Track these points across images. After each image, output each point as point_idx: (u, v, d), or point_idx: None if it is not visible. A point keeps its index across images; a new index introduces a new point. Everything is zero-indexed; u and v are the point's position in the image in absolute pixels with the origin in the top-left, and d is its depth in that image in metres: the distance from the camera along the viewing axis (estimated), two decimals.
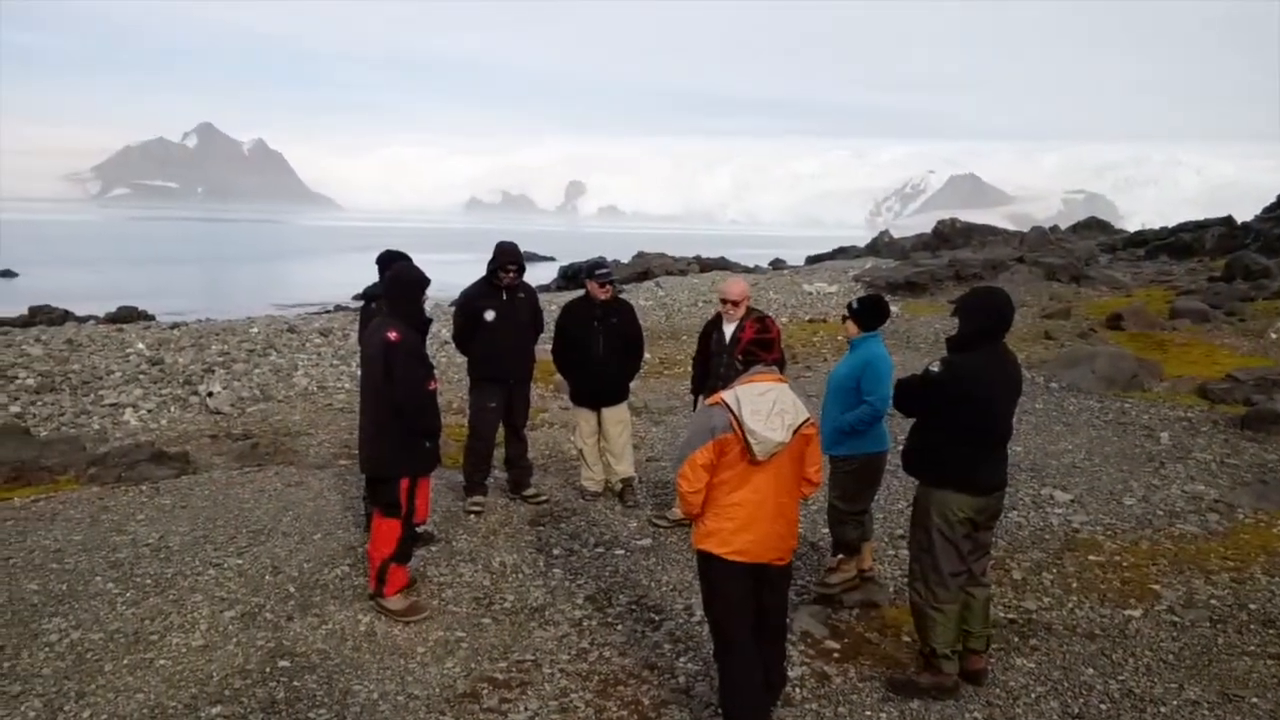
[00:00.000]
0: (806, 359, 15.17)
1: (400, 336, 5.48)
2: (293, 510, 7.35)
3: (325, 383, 13.76)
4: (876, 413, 5.58)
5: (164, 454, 9.14)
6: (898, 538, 6.87)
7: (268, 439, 10.34)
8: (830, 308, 21.17)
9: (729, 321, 6.85)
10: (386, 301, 5.82)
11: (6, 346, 14.77)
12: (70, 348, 14.94)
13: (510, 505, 7.58)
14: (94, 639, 5.19)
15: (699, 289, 24.57)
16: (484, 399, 7.40)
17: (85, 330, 18.35)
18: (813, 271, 30.16)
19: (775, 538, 4.25)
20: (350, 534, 6.78)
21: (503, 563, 6.42)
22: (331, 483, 8.22)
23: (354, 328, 17.88)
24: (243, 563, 6.21)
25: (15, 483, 8.35)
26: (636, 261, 38.99)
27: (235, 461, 9.28)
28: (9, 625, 5.33)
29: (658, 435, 10.39)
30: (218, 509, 7.41)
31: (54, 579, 5.96)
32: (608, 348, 7.42)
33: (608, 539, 6.93)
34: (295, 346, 16.23)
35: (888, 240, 40.70)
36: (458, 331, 7.53)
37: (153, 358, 14.52)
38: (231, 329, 18.15)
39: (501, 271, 7.25)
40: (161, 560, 6.26)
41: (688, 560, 6.42)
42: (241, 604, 5.62)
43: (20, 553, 6.43)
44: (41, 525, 7.05)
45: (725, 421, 4.12)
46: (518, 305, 7.39)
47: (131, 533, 6.83)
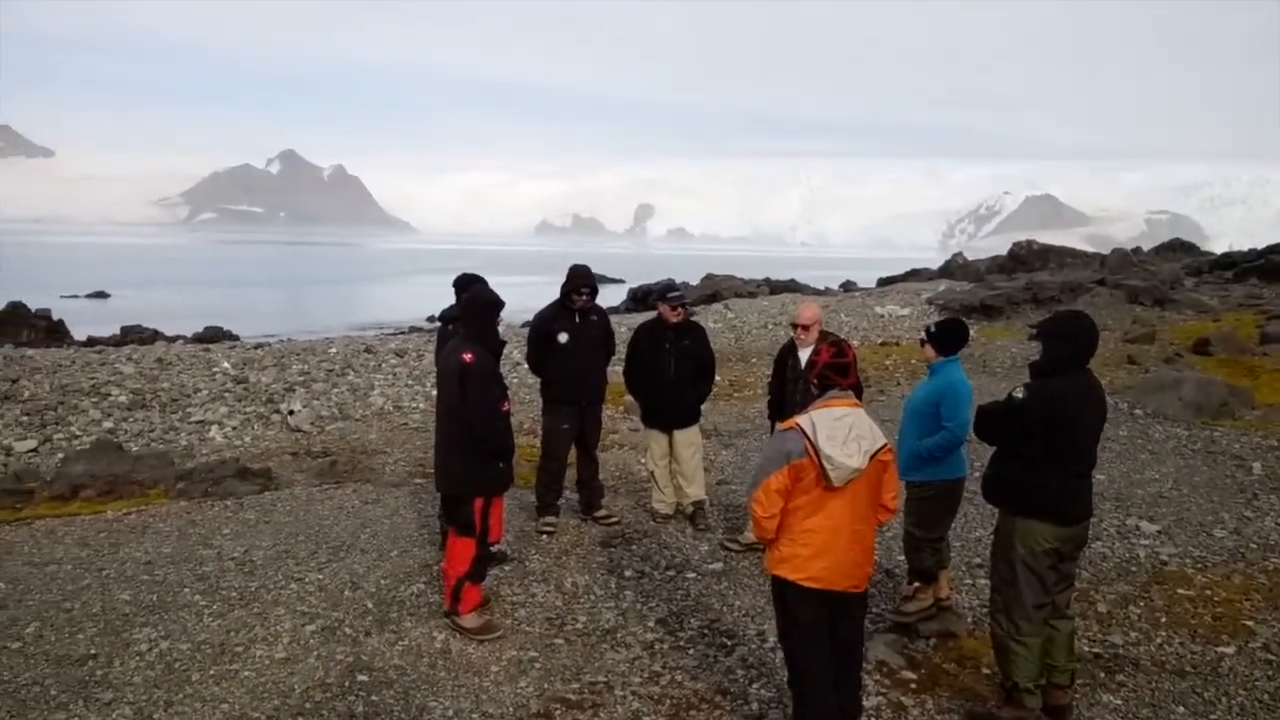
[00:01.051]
0: (879, 383, 14.98)
1: (475, 358, 5.57)
2: (370, 527, 7.50)
3: (400, 402, 14.01)
4: (956, 439, 5.48)
5: (248, 470, 9.40)
6: (975, 566, 6.74)
7: (346, 457, 10.57)
8: (903, 331, 20.89)
9: (802, 346, 6.81)
10: (463, 324, 5.93)
11: (101, 365, 15.38)
12: (160, 366, 15.48)
13: (582, 526, 7.62)
14: (182, 649, 5.35)
15: (769, 311, 24.46)
16: (556, 420, 7.47)
17: (174, 350, 19.00)
18: (884, 294, 29.81)
19: (851, 565, 4.20)
20: (426, 552, 6.89)
21: (575, 584, 6.45)
22: (407, 501, 8.36)
23: (428, 348, 18.22)
24: (323, 578, 6.35)
25: (108, 496, 8.68)
26: (705, 284, 39.00)
27: (315, 478, 9.51)
28: (103, 634, 5.53)
29: (728, 458, 10.35)
30: (299, 525, 7.60)
31: (144, 590, 6.17)
32: (679, 370, 7.44)
33: (679, 562, 6.92)
34: (372, 367, 16.58)
35: (962, 262, 40.03)
36: (531, 353, 7.62)
37: (237, 377, 14.96)
38: (311, 349, 18.63)
39: (575, 294, 7.32)
40: (246, 574, 6.44)
41: (760, 585, 6.38)
42: (322, 618, 5.75)
43: (113, 564, 6.68)
44: (133, 537, 7.31)
45: (801, 446, 4.10)
46: (590, 327, 7.46)
47: (218, 546, 7.04)
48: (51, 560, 6.81)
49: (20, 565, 6.70)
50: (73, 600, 6.03)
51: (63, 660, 5.24)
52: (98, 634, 5.54)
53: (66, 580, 6.39)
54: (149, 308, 44.15)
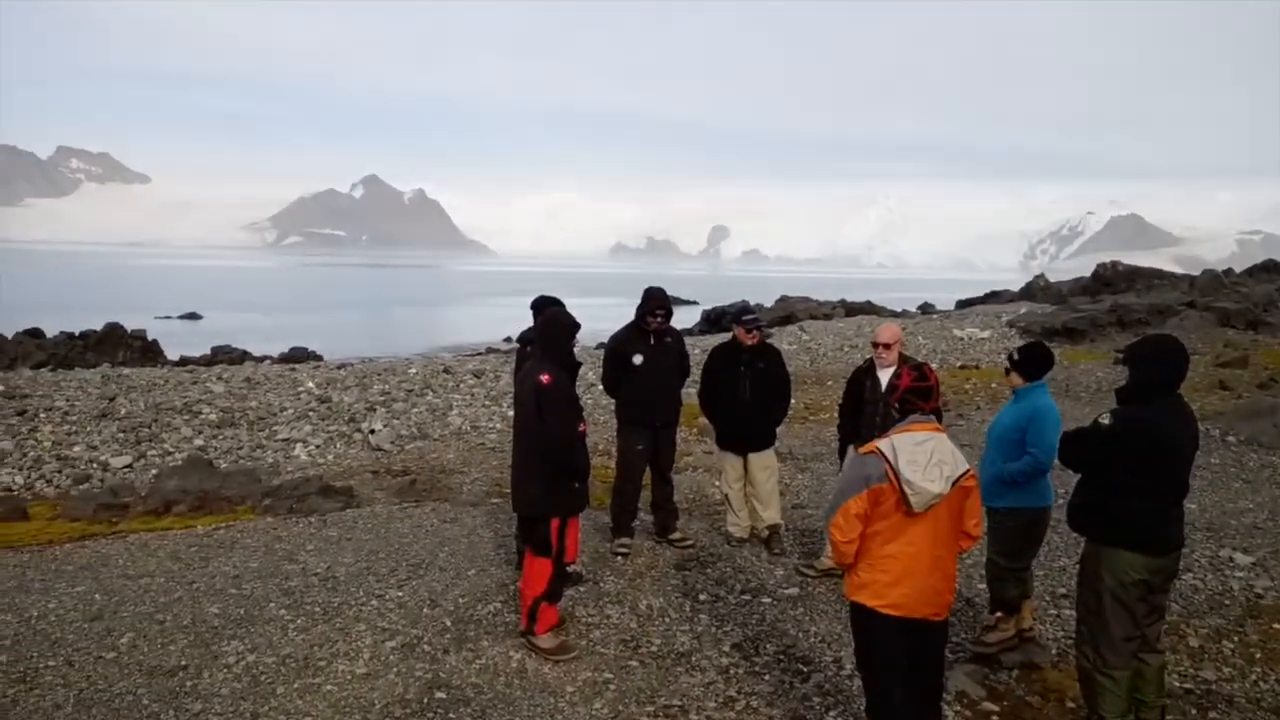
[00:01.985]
0: (958, 407, 14.70)
1: (552, 379, 5.64)
2: (448, 546, 7.62)
3: (478, 422, 14.21)
4: (1041, 465, 5.36)
5: (331, 488, 9.64)
6: (1060, 597, 6.56)
7: (425, 476, 10.76)
8: (983, 354, 20.49)
9: (882, 367, 6.74)
10: (539, 345, 6.01)
11: (193, 384, 15.94)
12: (248, 386, 15.98)
13: (656, 549, 7.62)
14: (268, 662, 5.50)
15: (844, 333, 24.22)
16: (631, 442, 7.50)
17: (261, 369, 19.59)
18: (964, 316, 29.28)
19: (931, 592, 4.13)
20: (502, 571, 6.96)
21: (649, 606, 6.45)
22: (484, 520, 8.47)
23: (505, 369, 18.47)
24: (403, 595, 6.47)
25: (199, 511, 8.97)
26: (779, 305, 38.80)
27: (395, 497, 9.69)
28: (193, 646, 5.71)
29: (803, 482, 10.26)
30: (379, 542, 7.76)
31: (232, 603, 6.36)
32: (755, 392, 7.41)
33: (754, 586, 6.88)
34: (450, 387, 16.86)
35: (1043, 284, 39.11)
36: (606, 375, 7.68)
37: (321, 396, 15.36)
38: (392, 370, 19.03)
39: (650, 316, 7.36)
40: (329, 589, 6.59)
41: (837, 611, 6.31)
42: (401, 635, 5.85)
43: (203, 577, 6.90)
44: (222, 552, 7.54)
45: (881, 471, 4.06)
46: (665, 349, 7.48)
47: (302, 562, 7.23)
48: (145, 573, 7.06)
49: (116, 577, 6.96)
50: (165, 612, 6.24)
51: (155, 671, 5.42)
52: (188, 646, 5.72)
53: (159, 593, 6.61)
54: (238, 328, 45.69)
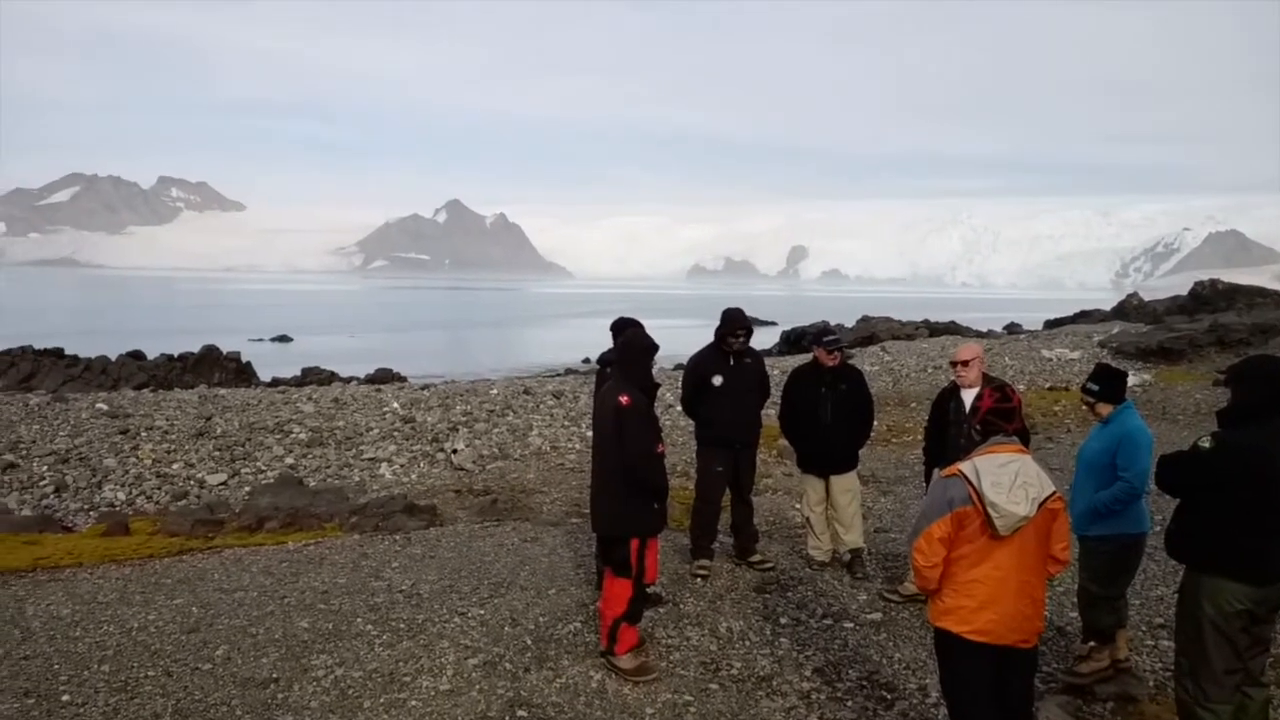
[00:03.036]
0: (1047, 429, 14.31)
1: (631, 400, 5.68)
2: (529, 565, 7.69)
3: (558, 443, 14.34)
4: (1133, 491, 5.18)
5: (415, 506, 9.82)
6: (1157, 627, 6.32)
7: (506, 495, 10.89)
8: (1073, 375, 19.92)
9: (965, 387, 6.62)
10: (618, 366, 6.05)
11: (284, 404, 16.42)
12: (336, 406, 16.39)
13: (736, 571, 7.58)
14: (355, 677, 5.62)
15: (928, 354, 23.79)
16: (711, 463, 7.48)
17: (349, 390, 20.07)
18: (1052, 336, 28.50)
19: (1020, 618, 4.03)
20: (582, 591, 7.00)
21: (729, 629, 6.41)
22: (564, 540, 8.54)
23: (584, 390, 18.61)
24: (485, 613, 6.55)
25: (290, 528, 9.23)
26: (861, 326, 38.36)
27: (477, 516, 9.83)
28: (284, 659, 5.87)
29: (886, 505, 10.11)
30: (462, 560, 7.87)
31: (321, 618, 6.52)
32: (836, 414, 7.34)
33: (836, 610, 6.78)
34: (530, 408, 17.04)
35: (1137, 303, 37.88)
36: (685, 396, 7.68)
37: (405, 416, 15.66)
38: (474, 390, 19.32)
39: (730, 337, 7.35)
40: (413, 606, 6.71)
41: (922, 638, 6.18)
42: (484, 653, 5.92)
43: (294, 592, 7.09)
44: (311, 568, 7.74)
45: (964, 494, 3.98)
46: (745, 370, 7.46)
47: (387, 579, 7.37)
48: (239, 587, 7.28)
49: (211, 591, 7.20)
50: (257, 626, 6.42)
51: (248, 683, 5.58)
52: (279, 659, 5.88)
53: (252, 606, 6.82)
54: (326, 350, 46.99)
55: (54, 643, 6.19)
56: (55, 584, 7.51)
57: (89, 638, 6.27)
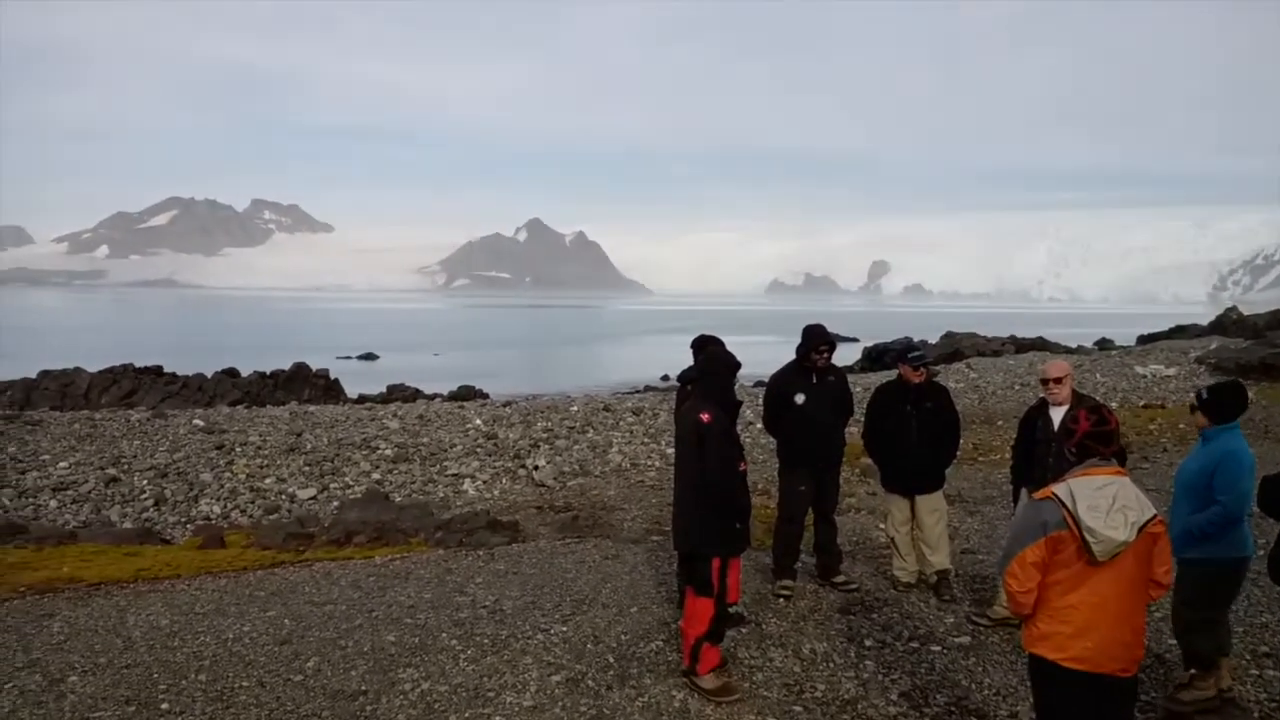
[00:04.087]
0: (1142, 449, 13.83)
1: (712, 418, 5.66)
2: (611, 582, 7.71)
3: (637, 460, 14.38)
4: (1230, 515, 4.97)
5: (498, 522, 9.94)
6: (1262, 655, 6.03)
7: (586, 512, 10.95)
8: (1168, 392, 19.23)
9: (1055, 405, 6.44)
10: (700, 384, 6.04)
11: (370, 421, 16.82)
12: (421, 423, 16.72)
13: (819, 591, 7.48)
14: (440, 691, 5.69)
15: (1015, 371, 23.23)
16: (793, 482, 7.41)
17: (433, 407, 20.47)
18: (1146, 352, 27.57)
19: (1119, 645, 3.89)
20: (664, 609, 6.98)
21: (813, 650, 6.33)
22: (645, 557, 8.53)
23: (663, 407, 18.63)
24: (567, 630, 6.58)
25: (377, 542, 9.43)
26: (945, 342, 37.69)
27: (558, 532, 9.90)
28: (372, 672, 5.98)
29: (974, 526, 9.87)
30: (544, 577, 7.93)
31: (408, 632, 6.63)
32: (922, 433, 7.20)
33: (923, 633, 6.64)
34: (610, 424, 17.13)
35: (1236, 317, 36.40)
36: (767, 414, 7.62)
37: (488, 433, 15.90)
38: (554, 407, 19.51)
39: (814, 353, 7.27)
40: (497, 622, 6.78)
41: (1012, 663, 6.01)
42: (566, 670, 5.94)
43: (381, 606, 7.23)
44: (397, 582, 7.89)
45: (1058, 517, 3.86)
46: (827, 388, 7.37)
47: (471, 594, 7.47)
48: (329, 600, 7.45)
49: (303, 604, 7.38)
50: (346, 639, 6.56)
51: (337, 695, 5.70)
52: (367, 671, 6.00)
53: (341, 619, 6.97)
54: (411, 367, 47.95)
55: (153, 652, 6.42)
56: (155, 594, 7.79)
57: (187, 648, 6.48)
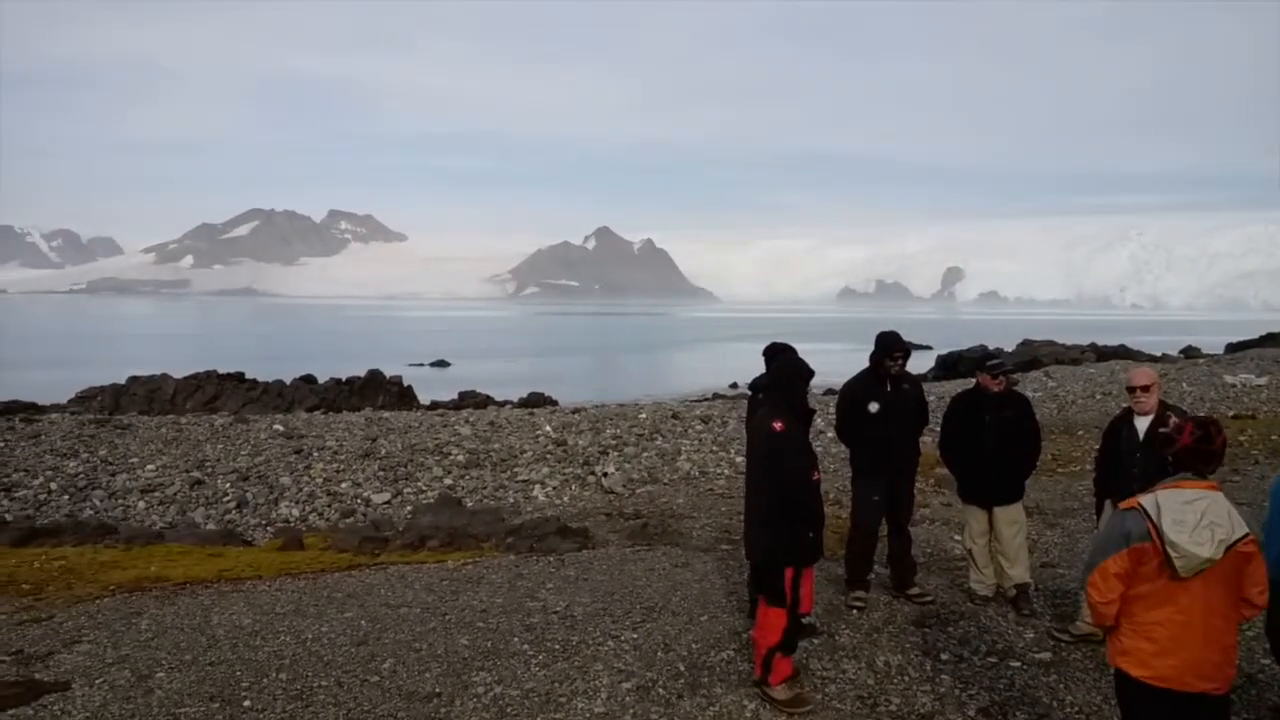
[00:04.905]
0: (1232, 461, 13.31)
1: (785, 426, 5.61)
2: (681, 590, 7.69)
3: (706, 468, 14.33)
4: None
5: (568, 529, 10.00)
6: None
7: (656, 520, 10.94)
8: (1260, 402, 18.53)
9: (1140, 414, 6.25)
10: (772, 392, 6.00)
11: (443, 427, 17.06)
12: (492, 429, 16.91)
13: (893, 603, 7.36)
14: (513, 695, 5.74)
15: (1095, 379, 22.62)
16: (867, 491, 7.31)
17: (503, 414, 20.69)
18: (1235, 361, 26.61)
19: (1207, 665, 3.75)
20: (734, 618, 6.94)
21: (887, 663, 6.23)
22: (715, 566, 8.50)
23: (732, 415, 18.55)
24: (637, 637, 6.58)
25: (449, 547, 9.56)
26: (1022, 350, 36.91)
27: (627, 539, 9.92)
28: (446, 674, 6.06)
29: (1053, 539, 9.62)
30: (614, 584, 7.95)
31: (480, 636, 6.70)
32: (1001, 443, 7.04)
33: (1001, 648, 6.48)
34: (679, 432, 17.11)
35: None
36: (841, 423, 7.53)
37: (557, 439, 16.01)
38: (623, 414, 19.56)
39: (889, 359, 7.16)
40: (568, 628, 6.82)
41: (1095, 681, 5.84)
42: (637, 677, 5.94)
43: (454, 610, 7.32)
44: (469, 587, 7.98)
45: (1142, 529, 3.74)
46: (902, 396, 7.26)
47: (542, 600, 7.52)
48: (403, 603, 7.58)
49: (379, 606, 7.52)
50: (421, 641, 6.66)
51: (412, 696, 5.79)
52: (441, 674, 6.07)
53: (415, 622, 7.08)
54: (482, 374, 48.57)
55: (236, 650, 6.59)
56: (237, 595, 8.01)
57: (268, 647, 6.64)
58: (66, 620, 7.33)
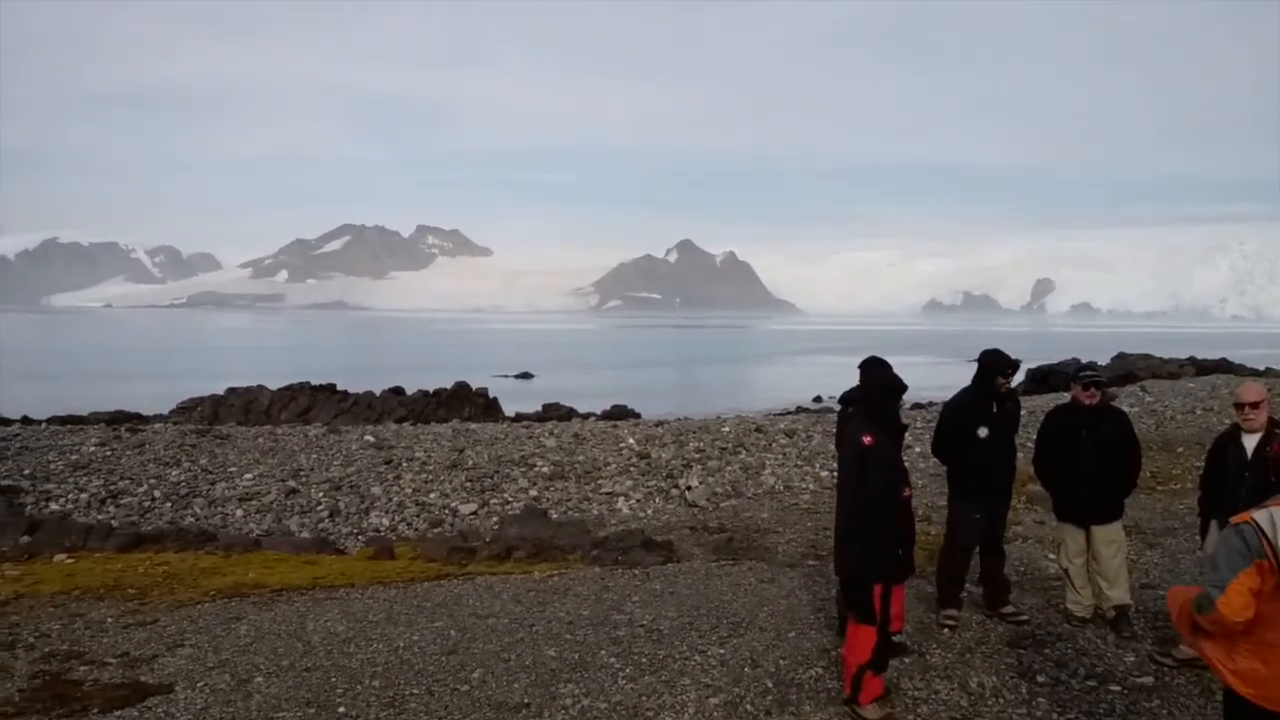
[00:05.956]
0: None
1: (875, 441, 5.55)
2: (767, 606, 7.63)
3: (791, 482, 14.22)
4: None
5: (653, 541, 10.02)
6: None
7: (740, 534, 10.89)
8: None
9: (1248, 432, 6.01)
10: (863, 406, 5.94)
11: (528, 439, 17.26)
12: (576, 441, 17.05)
13: (986, 623, 7.18)
14: (600, 707, 5.76)
15: (1195, 394, 21.76)
16: (968, 510, 7.16)
17: (587, 426, 20.83)
18: None
19: None
20: (823, 635, 6.86)
21: (981, 684, 6.08)
22: (801, 582, 8.42)
23: (816, 429, 18.36)
24: (724, 652, 6.55)
25: (535, 558, 9.66)
26: (1117, 363, 35.76)
27: (712, 553, 9.89)
28: (534, 685, 6.12)
29: (1153, 559, 9.29)
30: (700, 598, 7.93)
31: (567, 648, 6.75)
32: (1098, 459, 6.84)
33: (1100, 672, 6.28)
34: (762, 446, 17.01)
35: None
36: (941, 442, 7.37)
37: (641, 452, 16.06)
38: (706, 428, 19.53)
39: (1001, 377, 7.01)
40: (654, 641, 6.82)
41: (1201, 708, 5.61)
42: (724, 693, 5.91)
43: (541, 621, 7.40)
44: (556, 598, 8.05)
45: (1258, 544, 3.59)
46: (1008, 417, 7.11)
47: (628, 613, 7.54)
48: (491, 613, 7.68)
49: (467, 616, 7.63)
50: (509, 652, 6.74)
51: (501, 706, 5.86)
52: (530, 685, 6.14)
53: (503, 633, 7.17)
54: (565, 386, 49.01)
55: (331, 657, 6.76)
56: (331, 602, 8.22)
57: (361, 654, 6.80)
58: (170, 624, 7.61)
